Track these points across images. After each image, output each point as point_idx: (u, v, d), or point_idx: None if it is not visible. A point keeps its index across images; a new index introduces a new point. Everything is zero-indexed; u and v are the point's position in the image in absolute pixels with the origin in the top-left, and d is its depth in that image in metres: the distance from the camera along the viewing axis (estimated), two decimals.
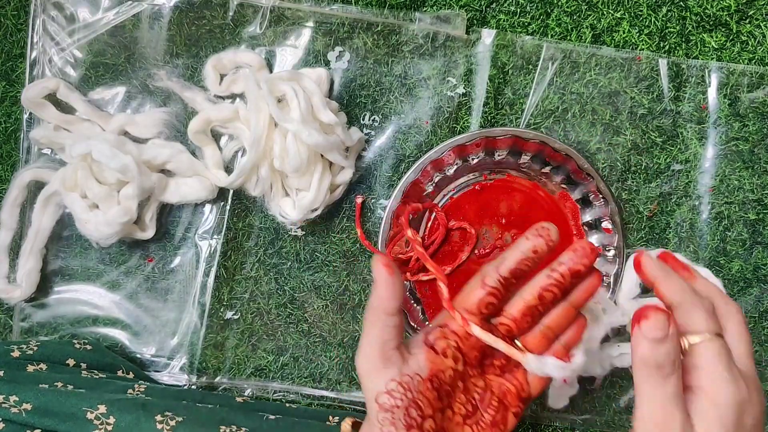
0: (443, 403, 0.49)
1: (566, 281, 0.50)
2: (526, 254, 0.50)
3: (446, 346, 0.50)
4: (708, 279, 0.57)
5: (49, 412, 0.58)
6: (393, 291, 0.48)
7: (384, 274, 0.48)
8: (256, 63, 0.72)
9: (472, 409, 0.51)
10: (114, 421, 0.59)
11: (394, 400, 0.47)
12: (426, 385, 0.48)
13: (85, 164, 0.69)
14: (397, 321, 0.49)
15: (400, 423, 0.47)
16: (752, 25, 0.73)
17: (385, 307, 0.48)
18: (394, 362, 0.48)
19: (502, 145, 0.72)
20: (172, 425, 0.60)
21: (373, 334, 0.48)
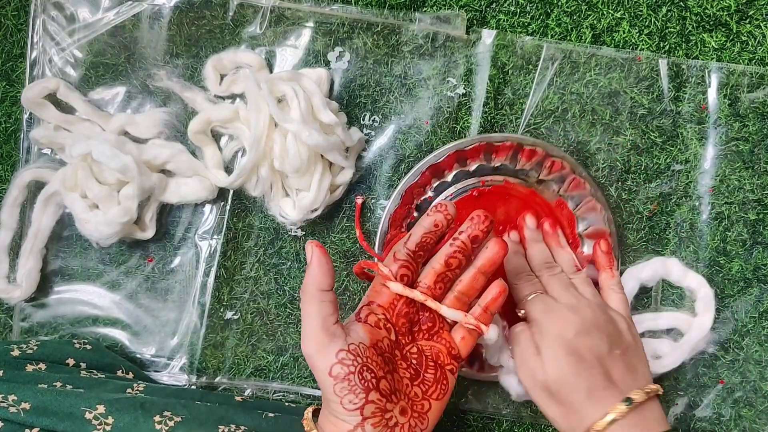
0: (390, 367, 0.54)
1: (468, 247, 0.58)
2: (428, 228, 0.57)
3: (377, 319, 0.56)
4: (700, 289, 0.73)
5: (48, 412, 0.58)
6: (326, 268, 0.53)
7: (318, 253, 0.53)
8: (256, 63, 0.72)
9: (415, 372, 0.56)
10: (112, 421, 0.59)
11: (346, 368, 0.51)
12: (372, 351, 0.53)
13: (85, 164, 0.69)
14: (332, 297, 0.54)
15: (358, 388, 0.51)
16: (752, 25, 0.73)
17: (320, 283, 0.53)
18: (338, 335, 0.52)
19: (501, 151, 0.72)
20: (170, 425, 0.60)
21: (313, 313, 0.52)
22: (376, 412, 0.51)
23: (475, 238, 0.58)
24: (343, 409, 0.51)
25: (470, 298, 0.60)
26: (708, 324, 0.72)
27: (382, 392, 0.52)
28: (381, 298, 0.57)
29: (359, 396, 0.51)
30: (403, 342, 0.57)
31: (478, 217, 0.58)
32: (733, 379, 0.75)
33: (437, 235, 0.58)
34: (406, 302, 0.57)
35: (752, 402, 0.75)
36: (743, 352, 0.75)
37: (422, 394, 0.55)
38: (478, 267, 0.59)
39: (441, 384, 0.56)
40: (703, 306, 0.73)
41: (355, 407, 0.50)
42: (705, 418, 0.75)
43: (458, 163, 0.73)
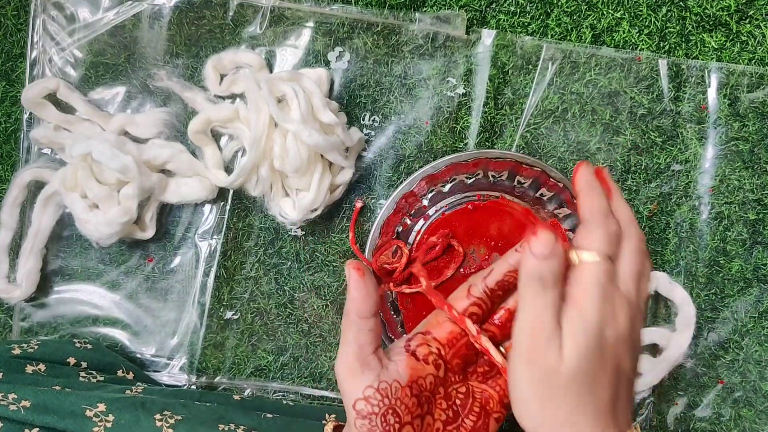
0: (423, 409, 0.49)
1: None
2: (514, 266, 0.50)
3: (428, 352, 0.49)
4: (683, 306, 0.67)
5: (48, 409, 0.58)
6: (365, 294, 0.47)
7: (355, 277, 0.47)
8: (257, 63, 0.72)
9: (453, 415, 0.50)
10: (113, 418, 0.59)
11: (371, 407, 0.47)
12: (405, 392, 0.48)
13: (86, 164, 0.69)
14: (372, 324, 0.48)
15: (377, 429, 0.47)
16: (752, 25, 0.73)
17: (358, 309, 0.48)
18: (372, 368, 0.48)
19: (499, 167, 0.72)
20: (171, 423, 0.60)
21: (349, 339, 0.48)
22: None
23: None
24: None
25: None
26: (686, 342, 0.73)
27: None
28: (440, 332, 0.50)
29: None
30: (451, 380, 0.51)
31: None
32: (733, 379, 0.75)
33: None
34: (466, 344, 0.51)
35: (752, 402, 0.75)
36: (743, 352, 0.75)
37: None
38: None
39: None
40: (683, 323, 0.73)
41: None
42: (705, 418, 0.75)
43: (455, 175, 0.73)
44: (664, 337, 0.73)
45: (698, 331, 0.74)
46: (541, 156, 0.74)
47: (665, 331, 0.73)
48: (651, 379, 0.73)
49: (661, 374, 0.73)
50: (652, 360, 0.73)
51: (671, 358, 0.72)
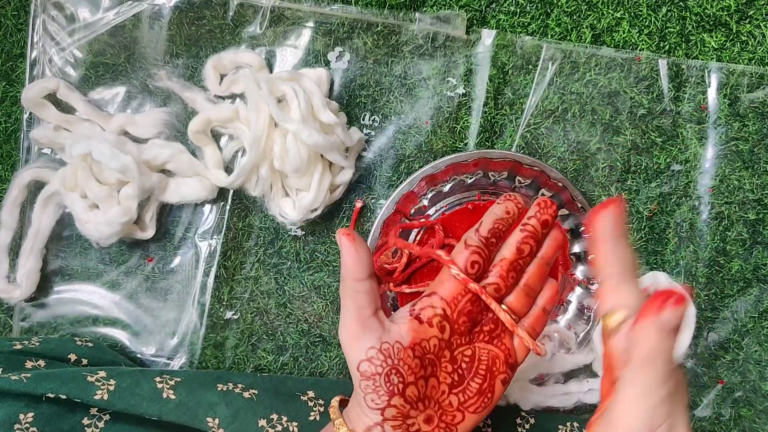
0: (427, 371, 0.51)
1: (538, 232, 0.53)
2: (500, 215, 0.53)
3: (432, 314, 0.51)
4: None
5: (50, 376, 0.58)
6: (358, 256, 0.50)
7: (346, 242, 0.50)
8: (256, 63, 0.72)
9: (459, 378, 0.52)
10: (115, 383, 0.60)
11: (374, 367, 0.49)
12: (407, 353, 0.50)
13: (85, 164, 0.69)
14: (368, 286, 0.51)
15: (381, 390, 0.48)
16: (752, 25, 0.73)
17: (353, 273, 0.50)
18: (373, 330, 0.50)
19: (499, 167, 0.72)
20: (171, 384, 0.62)
21: (347, 303, 0.50)
22: (398, 416, 0.49)
23: (545, 223, 0.54)
24: (366, 406, 0.49)
25: (536, 292, 0.55)
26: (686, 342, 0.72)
27: (407, 398, 0.49)
28: (445, 291, 0.52)
29: (382, 398, 0.49)
30: (457, 342, 0.52)
31: (545, 202, 0.54)
32: (733, 379, 0.75)
33: (508, 223, 0.54)
34: (471, 299, 0.52)
35: (752, 402, 0.75)
36: (743, 352, 0.75)
37: (458, 404, 0.52)
38: (542, 256, 0.55)
39: (484, 396, 0.52)
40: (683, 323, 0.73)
41: (376, 407, 0.49)
42: (705, 418, 0.75)
43: (455, 176, 0.73)
44: None
45: (698, 331, 0.74)
46: (541, 156, 0.74)
47: None
48: None
49: None
50: None
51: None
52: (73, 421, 0.59)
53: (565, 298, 0.75)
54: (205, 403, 0.62)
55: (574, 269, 0.74)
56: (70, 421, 0.59)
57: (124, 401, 0.59)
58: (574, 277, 0.74)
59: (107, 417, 0.60)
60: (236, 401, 0.63)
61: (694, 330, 0.72)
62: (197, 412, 0.61)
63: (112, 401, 0.59)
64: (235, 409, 0.62)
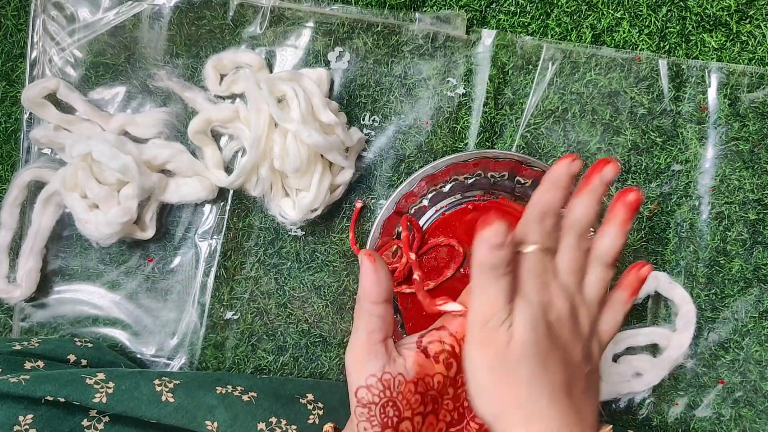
0: (426, 408, 0.49)
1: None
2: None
3: (440, 350, 0.49)
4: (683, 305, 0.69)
5: (49, 379, 0.58)
6: (376, 279, 0.48)
7: (367, 263, 0.48)
8: (257, 63, 0.72)
9: (458, 417, 0.50)
10: (114, 385, 0.60)
11: (371, 396, 0.47)
12: (409, 387, 0.48)
13: (86, 164, 0.69)
14: (383, 311, 0.48)
15: (375, 420, 0.47)
16: (752, 25, 0.73)
17: (369, 295, 0.48)
18: (378, 357, 0.48)
19: (499, 167, 0.72)
20: (170, 387, 0.61)
21: (359, 325, 0.48)
22: None
23: None
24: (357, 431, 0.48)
25: None
26: (686, 342, 0.73)
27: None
28: (455, 326, 0.50)
29: (374, 428, 0.47)
30: (462, 380, 0.50)
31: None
32: (733, 379, 0.75)
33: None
34: None
35: (752, 402, 0.75)
36: (743, 352, 0.75)
37: None
38: None
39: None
40: (683, 323, 0.73)
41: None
42: (705, 418, 0.75)
43: (455, 176, 0.73)
44: (664, 337, 0.73)
45: (698, 331, 0.74)
46: (541, 156, 0.74)
47: (665, 331, 0.73)
48: (651, 378, 0.73)
49: (661, 374, 0.73)
50: (653, 360, 0.73)
51: (671, 358, 0.72)
52: (73, 423, 0.59)
53: None
54: (204, 407, 0.62)
55: None
56: (70, 423, 0.59)
57: (123, 404, 0.59)
58: None
59: (106, 419, 0.60)
60: (235, 404, 0.63)
61: (694, 330, 0.73)
62: (196, 416, 0.61)
63: (110, 404, 0.59)
64: (234, 413, 0.62)
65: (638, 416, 0.75)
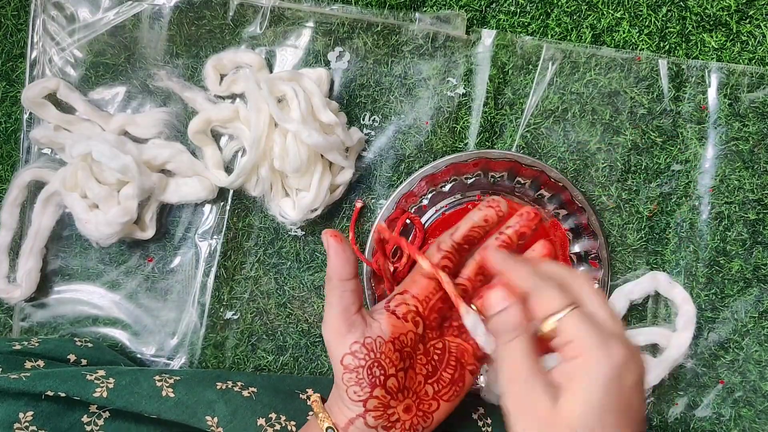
0: (405, 363, 0.53)
1: (513, 242, 0.56)
2: (477, 223, 0.56)
3: (407, 311, 0.54)
4: (683, 305, 0.70)
5: (49, 375, 0.58)
6: (345, 257, 0.52)
7: (333, 243, 0.52)
8: (257, 63, 0.72)
9: (432, 369, 0.55)
10: (114, 381, 0.60)
11: (357, 361, 0.51)
12: (388, 347, 0.52)
13: (86, 164, 0.69)
14: (354, 285, 0.53)
15: (364, 382, 0.51)
16: (752, 25, 0.73)
17: (340, 273, 0.52)
18: (357, 326, 0.52)
19: (499, 167, 0.72)
20: (170, 383, 0.62)
21: (334, 302, 0.52)
22: (379, 407, 0.52)
23: (522, 235, 0.56)
24: (348, 398, 0.51)
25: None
26: (686, 342, 0.73)
27: (388, 390, 0.52)
28: (416, 289, 0.55)
29: (364, 390, 0.51)
30: (429, 336, 0.56)
31: (528, 214, 0.56)
32: (733, 379, 0.75)
33: (484, 230, 0.56)
34: (441, 298, 0.55)
35: (752, 402, 0.75)
36: (743, 352, 0.75)
37: (433, 393, 0.55)
38: None
39: (456, 386, 0.55)
40: (683, 323, 0.73)
41: (359, 399, 0.51)
42: (705, 418, 0.75)
43: (455, 176, 0.73)
44: (664, 336, 0.73)
45: (698, 331, 0.74)
46: (541, 156, 0.74)
47: (665, 331, 0.73)
48: (651, 378, 0.73)
49: (661, 374, 0.73)
50: (652, 360, 0.73)
51: (671, 358, 0.72)
52: (73, 419, 0.59)
53: None
54: (204, 402, 0.62)
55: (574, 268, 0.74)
56: (70, 419, 0.59)
57: (123, 399, 0.59)
58: None
59: (106, 414, 0.60)
60: (235, 400, 0.63)
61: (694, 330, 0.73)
62: (196, 411, 0.61)
63: (111, 398, 0.59)
64: (233, 408, 0.63)
65: None
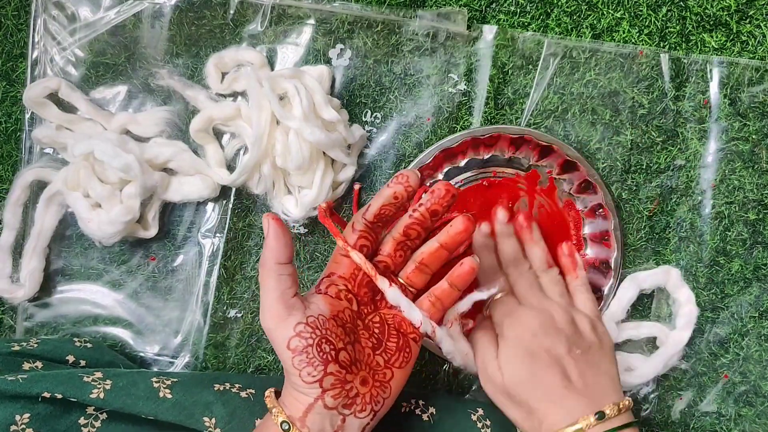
0: (351, 338, 0.54)
1: (426, 219, 0.57)
2: (387, 200, 0.56)
3: (337, 291, 0.56)
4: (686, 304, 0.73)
5: (46, 377, 0.58)
6: (284, 241, 0.52)
7: (274, 226, 0.52)
8: (258, 61, 0.72)
9: (377, 341, 0.56)
10: (111, 382, 0.60)
11: (305, 341, 0.51)
12: (332, 322, 0.53)
13: (88, 163, 0.69)
14: (291, 270, 0.53)
15: (316, 360, 0.51)
16: (752, 25, 0.74)
17: (278, 256, 0.52)
18: (297, 308, 0.52)
19: (515, 144, 0.72)
20: (168, 384, 0.62)
21: (271, 287, 0.52)
22: (336, 383, 0.51)
23: (434, 212, 0.57)
24: (303, 382, 0.51)
25: (432, 271, 0.59)
26: (684, 340, 0.73)
27: (341, 364, 0.52)
28: (341, 269, 0.57)
29: (318, 368, 0.51)
30: (365, 311, 0.57)
31: (439, 191, 0.57)
32: (734, 379, 0.75)
33: (396, 207, 0.57)
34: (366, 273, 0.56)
35: (752, 402, 0.75)
36: (743, 351, 0.75)
37: (385, 363, 0.56)
38: (441, 242, 0.58)
39: (404, 352, 0.57)
40: (683, 322, 0.73)
41: (314, 380, 0.51)
42: (705, 417, 0.75)
43: (472, 151, 0.73)
44: (663, 333, 0.73)
45: (699, 331, 0.75)
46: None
47: (665, 328, 0.73)
48: (647, 371, 0.72)
49: (656, 368, 0.72)
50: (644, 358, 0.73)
51: (667, 354, 0.72)
52: (70, 421, 0.59)
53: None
54: (202, 403, 0.62)
55: (586, 249, 0.74)
56: (67, 421, 0.58)
57: (120, 400, 0.59)
58: (587, 257, 0.74)
59: (104, 416, 0.60)
60: (233, 401, 0.63)
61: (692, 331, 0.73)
62: (193, 412, 0.61)
63: (108, 400, 0.58)
64: (231, 409, 0.62)
65: (640, 415, 0.75)
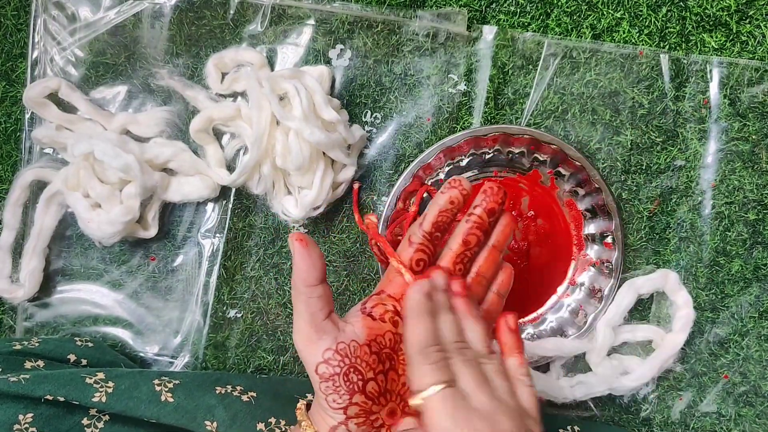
0: (385, 366, 0.52)
1: (485, 221, 0.55)
2: (444, 206, 0.54)
3: (384, 311, 0.52)
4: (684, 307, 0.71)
5: (48, 378, 0.58)
6: (310, 262, 0.50)
7: (299, 247, 0.50)
8: (258, 61, 0.72)
9: None
10: (113, 385, 0.60)
11: (332, 368, 0.49)
12: (364, 350, 0.50)
13: (88, 163, 0.69)
14: (321, 291, 0.51)
15: (342, 389, 0.49)
16: (752, 25, 0.74)
17: (305, 279, 0.50)
18: (328, 332, 0.50)
19: (517, 143, 0.72)
20: (169, 387, 0.62)
21: (300, 309, 0.50)
22: (360, 413, 0.50)
23: (491, 211, 0.55)
24: (328, 407, 0.50)
25: (489, 280, 0.56)
26: (679, 343, 0.73)
27: (368, 395, 0.50)
28: (393, 288, 0.54)
29: (343, 397, 0.49)
30: None
31: (491, 189, 0.55)
32: (734, 379, 0.75)
33: (453, 213, 0.55)
34: None
35: (752, 402, 0.75)
36: (743, 352, 0.75)
37: None
38: (494, 244, 0.56)
39: None
40: (680, 325, 0.73)
41: (338, 407, 0.49)
42: (705, 417, 0.75)
43: (473, 150, 0.73)
44: (659, 335, 0.73)
45: (699, 331, 0.75)
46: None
47: (661, 331, 0.74)
48: (642, 374, 0.73)
49: (651, 371, 0.73)
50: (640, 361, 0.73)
51: (662, 356, 0.72)
52: (72, 422, 0.59)
53: (578, 278, 0.75)
54: (204, 406, 0.62)
55: (587, 250, 0.74)
56: (69, 421, 0.58)
57: (122, 403, 0.59)
58: (588, 257, 0.74)
59: (106, 418, 0.60)
60: (235, 404, 0.63)
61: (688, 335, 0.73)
62: (195, 415, 0.61)
63: (110, 403, 0.58)
64: (233, 413, 0.62)
65: (639, 415, 0.75)
